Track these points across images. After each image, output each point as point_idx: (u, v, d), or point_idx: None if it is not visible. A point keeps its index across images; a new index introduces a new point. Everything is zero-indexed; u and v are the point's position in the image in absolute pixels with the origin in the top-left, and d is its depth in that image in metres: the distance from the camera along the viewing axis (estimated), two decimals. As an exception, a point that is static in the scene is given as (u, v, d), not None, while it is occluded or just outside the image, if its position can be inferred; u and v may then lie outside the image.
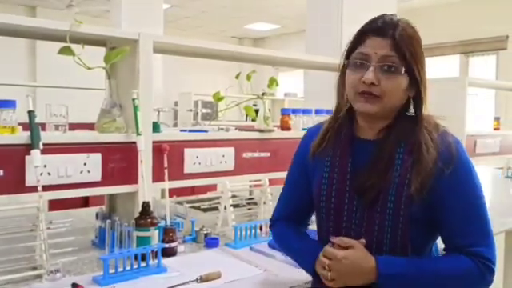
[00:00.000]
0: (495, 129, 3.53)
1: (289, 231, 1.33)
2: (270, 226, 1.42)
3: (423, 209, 1.09)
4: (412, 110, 1.13)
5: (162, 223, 1.67)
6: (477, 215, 1.09)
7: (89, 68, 1.57)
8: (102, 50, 1.76)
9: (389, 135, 1.13)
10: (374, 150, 1.14)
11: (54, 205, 2.42)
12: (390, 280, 1.06)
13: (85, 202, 2.73)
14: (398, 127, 1.13)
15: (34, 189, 1.41)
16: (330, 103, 1.26)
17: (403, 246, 1.09)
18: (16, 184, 1.42)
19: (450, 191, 1.08)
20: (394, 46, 1.07)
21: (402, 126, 1.12)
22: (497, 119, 3.60)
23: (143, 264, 1.42)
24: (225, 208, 1.91)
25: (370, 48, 1.08)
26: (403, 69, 1.07)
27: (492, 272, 1.08)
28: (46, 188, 1.44)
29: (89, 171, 1.55)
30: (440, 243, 1.22)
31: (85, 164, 1.54)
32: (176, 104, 6.82)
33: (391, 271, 1.06)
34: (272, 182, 2.07)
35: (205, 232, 1.77)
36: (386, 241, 1.10)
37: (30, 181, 1.43)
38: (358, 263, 1.07)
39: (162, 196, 1.82)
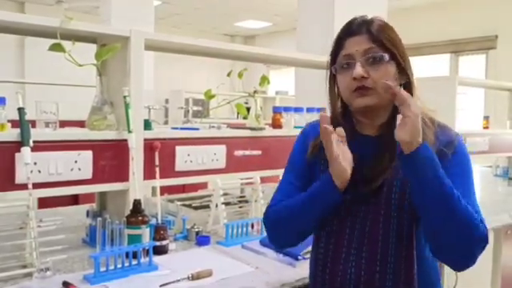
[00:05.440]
0: (484, 128, 3.56)
1: (287, 199, 1.22)
2: (265, 214, 1.26)
3: None
4: None
5: (153, 221, 1.67)
6: (472, 191, 1.15)
7: (79, 65, 1.56)
8: (92, 47, 1.75)
9: (388, 130, 1.11)
10: (376, 144, 1.16)
11: (44, 202, 2.40)
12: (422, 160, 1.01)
13: (75, 199, 2.72)
14: (396, 121, 1.11)
15: (23, 186, 1.40)
16: (321, 101, 1.27)
17: (409, 236, 1.10)
18: (6, 181, 1.41)
19: (455, 168, 1.12)
20: (371, 38, 1.12)
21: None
22: (486, 118, 3.63)
23: (134, 262, 1.42)
24: (216, 206, 1.91)
25: (351, 48, 1.13)
26: (387, 55, 1.11)
27: (487, 240, 1.07)
28: (36, 185, 1.43)
29: (79, 169, 1.54)
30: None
31: (75, 161, 1.53)
32: (167, 101, 6.80)
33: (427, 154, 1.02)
34: (263, 179, 2.07)
35: (196, 230, 1.77)
36: (393, 233, 1.11)
37: (19, 178, 1.42)
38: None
39: (153, 194, 1.82)
